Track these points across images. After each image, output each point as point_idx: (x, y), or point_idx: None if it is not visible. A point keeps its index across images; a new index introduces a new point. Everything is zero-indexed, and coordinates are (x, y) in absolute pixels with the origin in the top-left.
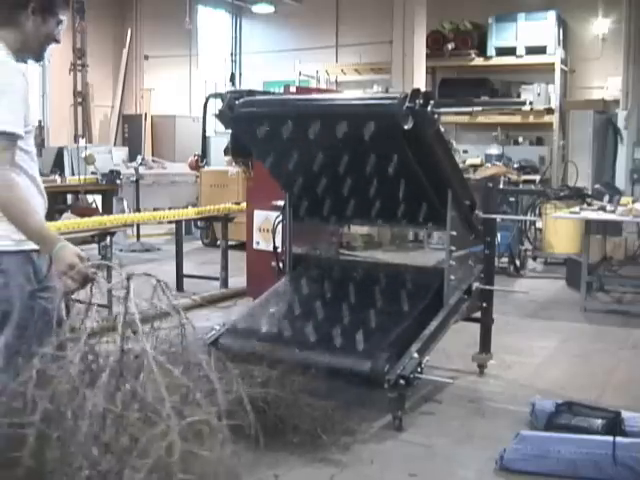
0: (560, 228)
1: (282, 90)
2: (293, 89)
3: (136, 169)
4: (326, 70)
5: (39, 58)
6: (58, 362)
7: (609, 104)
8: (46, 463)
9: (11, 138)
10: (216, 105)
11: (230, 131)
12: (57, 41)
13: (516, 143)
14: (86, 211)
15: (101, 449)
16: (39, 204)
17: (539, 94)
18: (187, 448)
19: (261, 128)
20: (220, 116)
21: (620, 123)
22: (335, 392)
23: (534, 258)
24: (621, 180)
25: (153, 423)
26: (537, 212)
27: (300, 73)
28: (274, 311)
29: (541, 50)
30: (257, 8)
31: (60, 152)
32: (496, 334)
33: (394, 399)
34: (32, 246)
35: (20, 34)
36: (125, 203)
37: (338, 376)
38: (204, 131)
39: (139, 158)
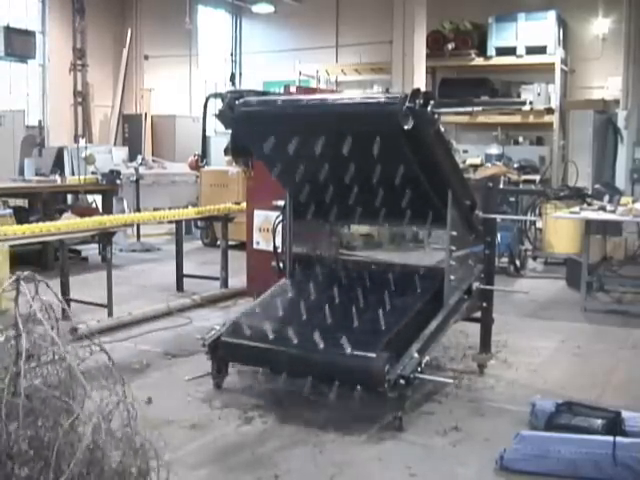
0: (560, 228)
1: (282, 90)
2: (293, 89)
3: (136, 169)
4: (326, 70)
5: None
6: None
7: (609, 104)
8: None
9: None
10: (216, 105)
11: (230, 131)
12: None
13: (516, 143)
14: (86, 211)
15: None
16: None
17: (539, 94)
18: None
19: (261, 128)
20: (220, 116)
21: (620, 123)
22: (335, 392)
23: (534, 258)
24: (621, 180)
25: None
26: (537, 212)
27: (300, 73)
28: (274, 311)
29: (541, 50)
30: (257, 8)
31: (60, 152)
32: (496, 334)
33: (394, 399)
34: None
35: None
36: (125, 203)
37: (338, 376)
38: (204, 131)
39: (139, 158)
